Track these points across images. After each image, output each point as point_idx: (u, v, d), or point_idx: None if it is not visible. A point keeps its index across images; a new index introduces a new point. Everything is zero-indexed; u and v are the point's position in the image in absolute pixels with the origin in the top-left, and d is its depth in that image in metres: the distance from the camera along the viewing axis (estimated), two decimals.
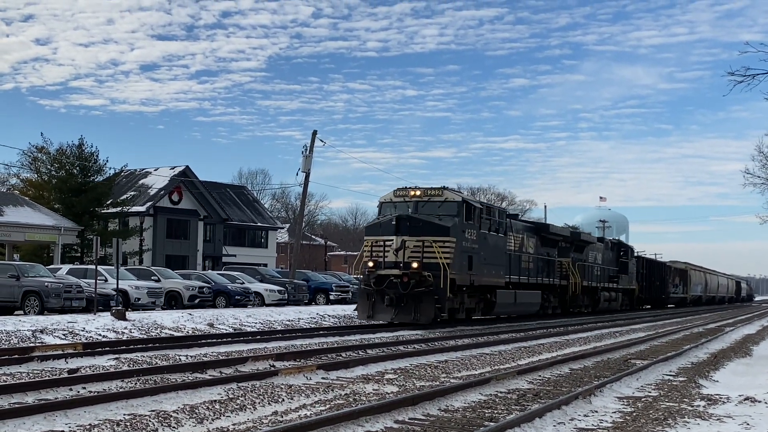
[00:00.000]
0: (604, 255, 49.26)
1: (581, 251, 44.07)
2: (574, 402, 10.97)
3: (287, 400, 10.72)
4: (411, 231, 27.15)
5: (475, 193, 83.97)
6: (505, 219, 33.61)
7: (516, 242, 34.53)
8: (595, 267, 46.97)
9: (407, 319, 26.58)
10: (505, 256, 32.72)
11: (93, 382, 11.41)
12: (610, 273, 50.54)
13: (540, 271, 37.59)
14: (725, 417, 10.59)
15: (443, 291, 26.59)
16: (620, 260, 53.00)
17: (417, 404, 10.26)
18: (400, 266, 26.90)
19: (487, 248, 30.36)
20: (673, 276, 72.99)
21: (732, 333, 31.72)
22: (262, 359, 14.84)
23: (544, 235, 38.72)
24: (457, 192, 30.14)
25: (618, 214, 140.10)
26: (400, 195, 29.16)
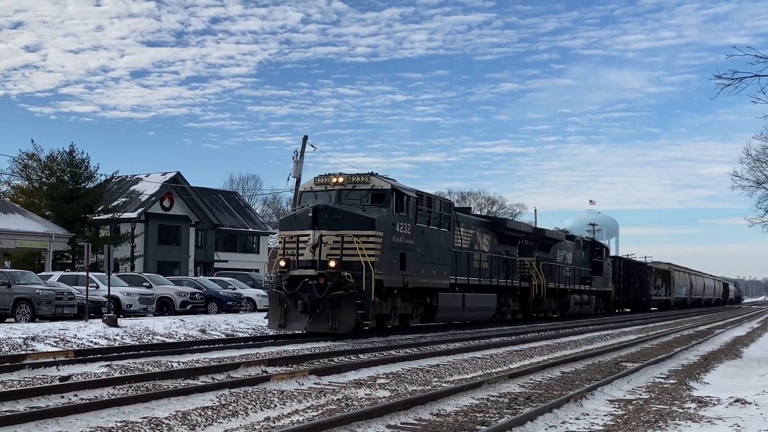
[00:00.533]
0: (575, 254, 45.86)
1: (547, 250, 40.61)
2: (565, 405, 11.01)
3: (279, 406, 10.73)
4: (330, 224, 23.23)
5: (466, 198, 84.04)
6: (451, 212, 29.61)
7: (465, 238, 30.63)
8: (565, 267, 43.38)
9: (323, 327, 22.76)
10: (450, 255, 28.76)
11: (84, 390, 11.39)
12: (582, 274, 47.05)
13: (496, 271, 33.67)
14: (716, 419, 10.64)
15: (366, 294, 22.65)
16: (594, 260, 49.50)
17: (409, 409, 10.28)
18: (317, 266, 23.04)
19: (426, 245, 26.58)
20: (654, 277, 70.09)
21: (722, 335, 31.85)
22: (254, 365, 14.85)
23: (502, 232, 35.02)
24: (388, 179, 25.46)
25: (608, 217, 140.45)
26: (321, 183, 25.22)
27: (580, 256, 46.92)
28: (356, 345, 20.94)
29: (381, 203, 24.32)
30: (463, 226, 30.55)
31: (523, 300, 37.11)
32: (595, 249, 50.60)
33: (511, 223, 38.05)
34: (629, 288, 60.97)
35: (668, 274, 76.28)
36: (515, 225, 38.20)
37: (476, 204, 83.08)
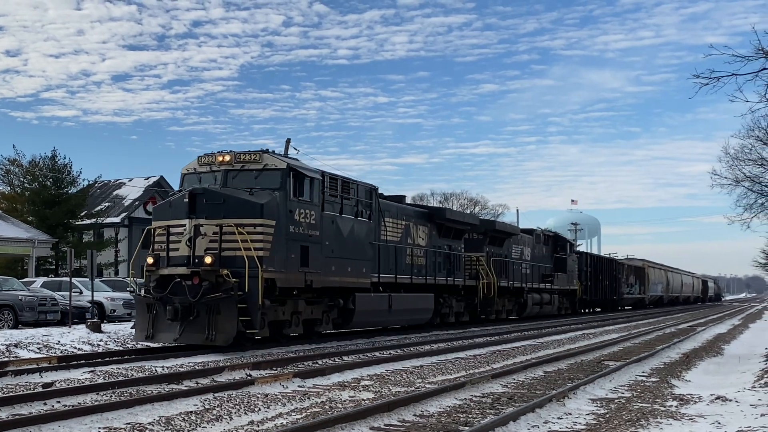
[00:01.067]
0: (534, 250, 42.74)
1: (500, 245, 37.31)
2: (547, 405, 11.09)
3: (263, 410, 10.75)
4: (210, 211, 19.41)
5: (449, 198, 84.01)
6: (374, 200, 25.40)
7: (394, 231, 26.89)
8: (522, 264, 40.04)
9: (198, 338, 18.73)
10: (372, 249, 24.77)
11: (68, 396, 11.38)
12: (544, 271, 43.72)
13: (435, 268, 29.91)
14: (697, 416, 10.75)
15: (252, 296, 18.78)
16: (556, 256, 46.27)
17: (392, 410, 10.33)
18: (191, 263, 19.27)
19: (338, 237, 22.63)
20: (627, 275, 67.07)
21: (703, 332, 32.07)
22: (238, 368, 14.86)
23: (442, 224, 31.05)
24: (286, 157, 21.81)
25: (590, 216, 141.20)
26: (205, 163, 21.18)
27: (541, 252, 44.01)
28: (341, 347, 20.93)
29: (275, 186, 20.30)
30: (391, 216, 26.94)
31: (470, 300, 33.78)
32: (558, 244, 47.50)
33: (452, 213, 33.99)
34: (598, 286, 57.95)
35: (642, 271, 73.54)
36: (458, 216, 34.25)
37: (459, 204, 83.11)
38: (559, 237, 49.23)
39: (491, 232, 36.39)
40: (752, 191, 26.02)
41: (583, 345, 23.48)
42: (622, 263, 68.07)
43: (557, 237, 48.74)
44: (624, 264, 68.06)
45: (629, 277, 67.85)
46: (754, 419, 10.42)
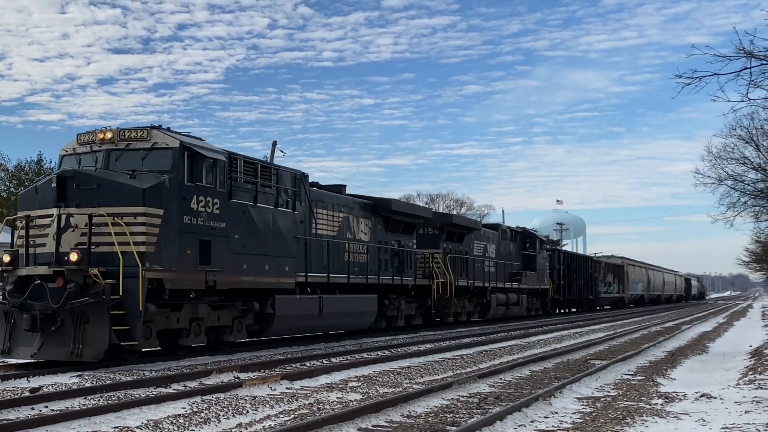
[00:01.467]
0: (500, 246, 39.83)
1: (459, 240, 34.48)
2: (534, 404, 11.16)
3: (252, 412, 10.78)
4: (82, 198, 16.35)
5: (435, 200, 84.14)
6: (302, 188, 22.24)
7: (328, 223, 23.74)
8: (485, 262, 37.16)
9: (61, 353, 15.46)
10: (298, 244, 21.49)
11: (55, 401, 11.37)
12: (511, 269, 40.86)
13: (381, 266, 26.95)
14: (682, 414, 10.85)
15: (130, 301, 15.75)
16: (525, 253, 43.57)
17: (380, 411, 10.38)
18: (57, 261, 16.07)
19: (251, 229, 19.38)
20: (604, 273, 64.74)
21: (688, 331, 32.27)
22: (226, 371, 14.87)
23: (389, 216, 27.89)
24: (180, 134, 18.14)
25: (575, 216, 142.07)
26: (85, 141, 18.05)
27: (507, 249, 41.08)
28: (329, 349, 20.95)
29: (165, 168, 17.22)
30: (326, 207, 23.86)
31: (424, 302, 30.87)
32: (526, 241, 44.49)
33: (400, 205, 29.82)
34: (572, 285, 55.01)
35: (621, 269, 70.98)
36: (407, 208, 30.67)
37: (445, 206, 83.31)
38: (528, 233, 46.48)
39: (448, 227, 33.49)
40: (735, 190, 26.27)
41: (569, 344, 23.60)
42: (599, 261, 65.67)
43: (526, 233, 45.92)
44: (601, 262, 65.77)
45: (607, 275, 65.71)
46: (739, 416, 10.53)
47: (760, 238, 35.03)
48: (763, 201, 26.86)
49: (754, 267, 45.71)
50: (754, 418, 10.22)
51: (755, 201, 26.90)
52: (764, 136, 25.32)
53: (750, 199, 26.56)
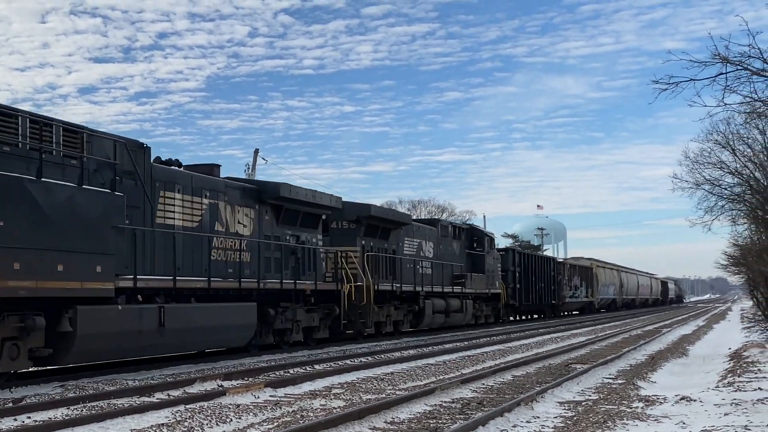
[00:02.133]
0: (439, 245, 34.62)
1: (384, 237, 29.34)
2: (516, 409, 11.25)
3: (235, 420, 10.81)
4: None
5: (416, 206, 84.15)
6: (138, 162, 17.23)
7: (183, 210, 18.79)
8: (418, 262, 31.60)
9: None
10: (120, 236, 16.00)
11: (38, 411, 11.33)
12: (454, 271, 35.44)
13: (270, 266, 22.05)
14: (662, 417, 10.96)
15: None
16: (472, 253, 38.40)
17: (363, 418, 10.43)
18: None
19: (30, 213, 13.80)
20: (570, 275, 60.39)
21: (669, 334, 32.53)
22: (210, 379, 14.88)
23: (281, 206, 22.72)
24: None
25: (555, 221, 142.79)
26: None
27: (449, 248, 35.88)
28: (312, 356, 21.00)
29: None
30: (180, 190, 18.89)
31: (328, 310, 25.00)
32: (473, 239, 39.31)
33: (296, 191, 23.01)
34: (531, 289, 50.11)
35: (589, 271, 66.91)
36: (307, 195, 23.64)
37: (427, 212, 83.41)
38: (476, 230, 41.50)
39: (367, 221, 27.90)
40: (712, 194, 26.51)
41: (550, 349, 23.74)
42: (564, 263, 62.36)
43: (473, 230, 40.88)
44: (565, 263, 62.11)
45: (573, 278, 61.30)
46: (718, 418, 10.66)
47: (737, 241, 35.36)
48: (740, 205, 27.14)
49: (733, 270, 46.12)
50: (733, 421, 10.34)
51: (732, 205, 27.19)
52: (740, 140, 25.61)
53: (727, 203, 26.85)
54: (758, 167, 25.41)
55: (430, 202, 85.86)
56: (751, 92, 13.88)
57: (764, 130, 24.04)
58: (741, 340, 28.29)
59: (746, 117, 19.37)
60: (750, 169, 25.73)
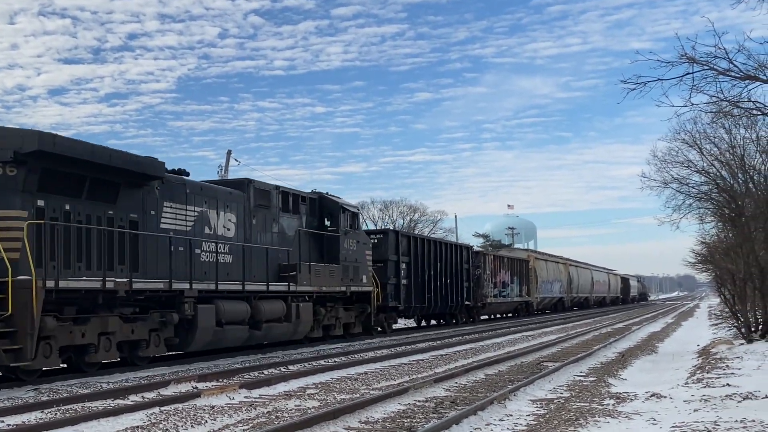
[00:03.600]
0: (249, 219, 22.82)
1: (107, 197, 17.58)
2: (489, 407, 11.36)
3: (210, 422, 10.83)
4: None
5: (389, 206, 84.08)
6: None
7: None
8: (199, 244, 20.24)
9: None
10: None
11: (11, 415, 11.29)
12: (279, 260, 23.72)
13: None
14: (633, 414, 11.11)
15: None
16: (319, 234, 26.40)
17: (338, 418, 10.49)
18: None
19: None
20: (495, 269, 48.25)
21: (638, 331, 32.86)
22: (184, 381, 14.87)
23: None
24: None
25: (526, 221, 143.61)
26: None
27: (274, 225, 24.09)
28: (286, 357, 21.03)
29: None
30: None
31: None
32: (323, 214, 27.17)
33: None
34: (430, 286, 37.43)
35: (524, 264, 55.80)
36: None
37: (399, 212, 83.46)
38: (327, 201, 27.55)
39: (46, 162, 15.66)
40: (680, 192, 26.72)
41: (522, 347, 23.90)
42: (484, 253, 49.18)
43: (322, 201, 27.34)
44: (487, 255, 49.01)
45: (500, 273, 49.20)
46: (688, 414, 10.83)
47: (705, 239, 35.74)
48: (707, 203, 27.46)
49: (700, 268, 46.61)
50: (702, 417, 10.52)
51: (699, 203, 27.47)
52: (707, 140, 25.90)
53: (694, 201, 27.10)
54: (724, 166, 25.72)
55: (402, 202, 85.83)
56: (718, 92, 14.08)
57: (730, 130, 24.35)
58: (709, 336, 28.66)
59: (713, 116, 19.58)
60: (716, 168, 26.03)
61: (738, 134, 24.53)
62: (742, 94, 14.11)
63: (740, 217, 24.08)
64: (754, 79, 13.57)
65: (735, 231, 25.47)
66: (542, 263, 61.92)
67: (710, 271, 38.96)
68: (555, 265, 66.69)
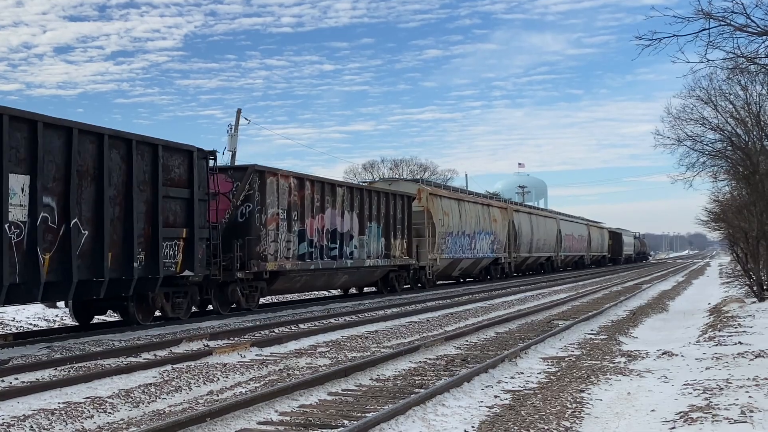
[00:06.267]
0: None
1: None
2: (500, 365, 11.37)
3: (222, 379, 10.88)
4: None
5: (399, 165, 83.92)
6: None
7: None
8: None
9: None
10: None
11: (25, 372, 11.37)
12: None
13: None
14: (645, 372, 11.12)
15: None
16: None
17: (349, 375, 10.53)
18: None
19: None
20: (304, 207, 23.83)
21: (649, 290, 32.84)
22: (195, 339, 14.94)
23: None
24: None
25: (536, 179, 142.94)
26: None
27: None
28: (297, 315, 21.11)
29: None
30: None
31: None
32: None
33: None
34: None
35: (405, 204, 31.45)
36: None
37: (409, 170, 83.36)
38: None
39: None
40: (694, 150, 26.53)
41: (532, 306, 23.91)
42: (269, 171, 22.46)
43: None
44: (279, 175, 22.79)
45: (320, 215, 24.97)
46: (699, 372, 10.82)
47: (718, 197, 35.57)
48: (721, 161, 27.27)
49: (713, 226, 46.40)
50: (714, 374, 10.50)
51: (713, 161, 27.29)
52: (722, 97, 25.62)
53: (708, 159, 26.93)
54: (739, 123, 25.48)
55: (412, 161, 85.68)
56: (734, 48, 13.89)
57: (746, 86, 24.07)
58: (720, 295, 28.63)
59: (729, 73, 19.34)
60: (731, 125, 25.79)
61: (754, 91, 24.26)
62: (759, 50, 13.92)
63: (754, 174, 23.88)
64: None
65: (749, 189, 25.30)
66: (447, 204, 37.15)
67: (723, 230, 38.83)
68: (477, 208, 41.61)
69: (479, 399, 9.24)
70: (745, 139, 25.64)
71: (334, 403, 9.06)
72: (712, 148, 26.54)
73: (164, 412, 8.86)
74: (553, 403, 8.93)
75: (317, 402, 9.09)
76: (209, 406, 8.73)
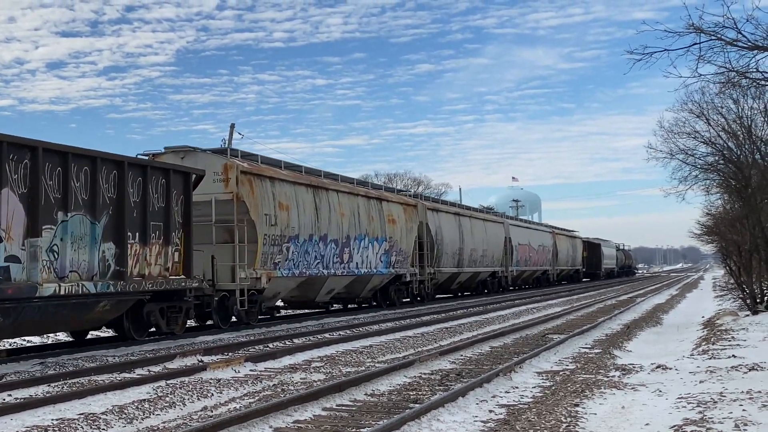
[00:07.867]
0: None
1: None
2: (495, 379, 11.37)
3: (216, 395, 10.85)
4: None
5: (392, 179, 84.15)
6: None
7: None
8: None
9: None
10: None
11: (19, 389, 11.32)
12: None
13: None
14: (639, 385, 11.13)
15: None
16: None
17: (344, 390, 10.51)
18: None
19: None
20: None
21: (643, 303, 32.89)
22: (190, 355, 14.90)
23: None
24: None
25: (530, 192, 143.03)
26: None
27: None
28: (291, 330, 21.10)
29: None
30: None
31: None
32: None
33: None
34: None
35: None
36: None
37: (403, 185, 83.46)
38: None
39: None
40: (686, 164, 26.61)
41: (526, 320, 23.92)
42: None
43: None
44: None
45: None
46: (694, 386, 10.83)
47: (710, 210, 35.66)
48: (713, 174, 27.35)
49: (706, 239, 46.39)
50: (708, 388, 10.52)
51: (706, 174, 27.37)
52: (714, 110, 25.73)
53: (701, 172, 27.00)
54: (731, 137, 25.58)
55: (406, 175, 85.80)
56: (726, 62, 13.98)
57: (738, 100, 24.20)
58: (714, 308, 28.68)
59: (720, 87, 19.45)
60: (723, 139, 25.88)
61: (746, 105, 24.38)
62: (750, 65, 14.02)
63: (747, 188, 23.98)
64: (763, 49, 13.46)
65: (741, 202, 25.39)
66: (287, 190, 23.66)
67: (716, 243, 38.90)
68: (355, 201, 28.07)
69: (474, 413, 9.24)
70: (737, 153, 25.75)
71: (329, 418, 9.05)
72: (704, 161, 26.63)
73: (158, 428, 8.83)
74: (548, 417, 8.93)
75: (312, 417, 9.08)
76: (203, 422, 8.70)
